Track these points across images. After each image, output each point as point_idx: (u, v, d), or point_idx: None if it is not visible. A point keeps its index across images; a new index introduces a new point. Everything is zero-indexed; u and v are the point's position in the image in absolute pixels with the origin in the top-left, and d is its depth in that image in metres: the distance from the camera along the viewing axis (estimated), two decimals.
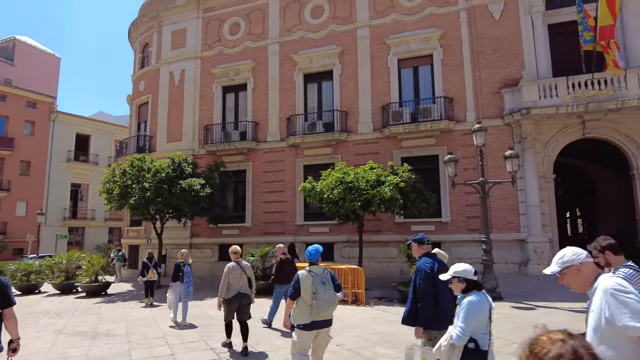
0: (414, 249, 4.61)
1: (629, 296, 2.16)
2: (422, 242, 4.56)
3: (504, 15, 16.05)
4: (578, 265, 2.42)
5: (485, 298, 3.45)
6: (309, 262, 5.01)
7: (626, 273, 3.21)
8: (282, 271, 8.42)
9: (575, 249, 2.50)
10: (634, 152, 14.54)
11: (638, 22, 14.71)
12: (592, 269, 2.43)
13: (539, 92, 14.48)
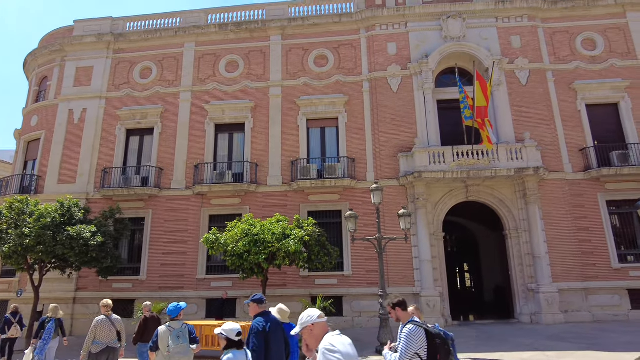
0: (251, 308, 4.85)
1: (335, 355, 2.56)
2: (260, 301, 4.86)
3: (400, 88, 18.10)
4: (310, 326, 2.81)
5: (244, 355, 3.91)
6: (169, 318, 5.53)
7: (410, 329, 3.80)
8: (144, 330, 8.03)
9: (310, 311, 2.91)
10: (506, 215, 16.74)
11: (504, 106, 17.56)
12: (322, 329, 2.82)
13: (429, 158, 16.23)
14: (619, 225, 16.93)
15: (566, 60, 18.36)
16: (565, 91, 17.94)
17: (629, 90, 17.77)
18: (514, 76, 18.02)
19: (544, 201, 16.50)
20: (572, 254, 16.07)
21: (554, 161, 16.99)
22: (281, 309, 5.12)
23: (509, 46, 18.39)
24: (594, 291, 15.79)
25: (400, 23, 18.88)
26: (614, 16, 18.80)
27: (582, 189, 16.82)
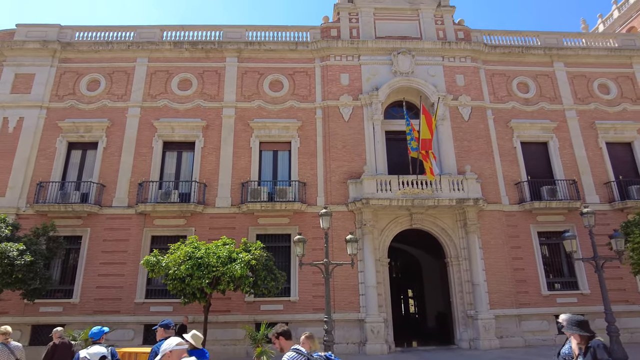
0: (158, 333, 5.08)
1: None
2: (167, 327, 5.15)
3: (352, 118, 18.71)
4: (168, 353, 3.36)
5: None
6: (91, 341, 5.49)
7: (290, 356, 4.01)
8: (52, 358, 7.57)
9: (170, 340, 3.50)
10: (448, 243, 17.48)
11: (447, 140, 18.61)
12: (178, 356, 3.39)
13: (376, 185, 16.76)
14: (548, 255, 18.22)
15: (504, 100, 19.90)
16: (503, 128, 19.36)
17: (556, 131, 19.49)
18: (457, 112, 19.22)
19: (483, 231, 17.44)
20: (508, 281, 17.00)
21: (492, 193, 18.11)
22: (195, 334, 5.25)
23: (453, 84, 19.66)
24: (526, 317, 16.72)
25: (354, 55, 19.69)
26: (543, 64, 20.75)
27: (516, 220, 17.99)
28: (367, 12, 20.55)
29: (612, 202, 18.51)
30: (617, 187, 18.80)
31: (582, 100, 20.32)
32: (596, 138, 19.66)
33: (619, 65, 21.18)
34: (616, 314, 16.11)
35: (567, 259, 17.76)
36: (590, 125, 19.79)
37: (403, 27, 20.54)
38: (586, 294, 17.22)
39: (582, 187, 18.74)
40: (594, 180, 18.95)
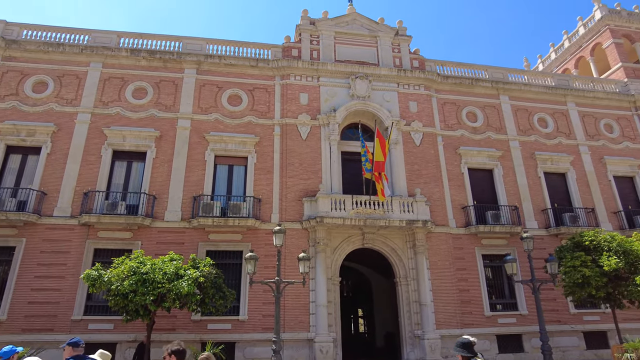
0: (66, 351, 5.11)
1: None
2: (76, 345, 5.15)
3: (309, 136, 18.97)
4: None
5: None
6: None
7: None
8: None
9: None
10: (397, 263, 17.91)
11: (399, 163, 19.24)
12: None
13: (331, 204, 16.97)
14: (491, 277, 19.10)
15: (453, 128, 20.98)
16: (452, 155, 20.34)
17: (501, 159, 20.75)
18: (409, 137, 20.00)
19: (431, 252, 18.04)
20: (453, 302, 17.60)
21: (440, 216, 18.85)
22: (102, 352, 5.32)
23: (407, 110, 20.51)
24: None
25: (313, 76, 20.09)
26: (490, 96, 22.18)
27: (463, 242, 18.79)
28: (328, 35, 21.15)
29: (548, 228, 19.83)
30: (553, 214, 20.21)
31: (524, 132, 21.83)
32: (536, 168, 21.11)
33: (555, 102, 23.04)
34: (550, 334, 17.17)
35: (508, 281, 18.72)
36: (530, 156, 21.25)
37: (362, 53, 21.29)
38: (524, 314, 18.16)
39: (522, 213, 19.96)
40: (533, 206, 20.27)
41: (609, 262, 14.78)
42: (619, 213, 21.10)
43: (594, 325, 18.64)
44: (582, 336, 18.43)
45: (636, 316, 18.65)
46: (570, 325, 18.40)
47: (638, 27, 26.93)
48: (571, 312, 18.68)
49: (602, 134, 22.95)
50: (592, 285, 15.00)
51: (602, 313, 18.57)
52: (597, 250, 15.67)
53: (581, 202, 20.89)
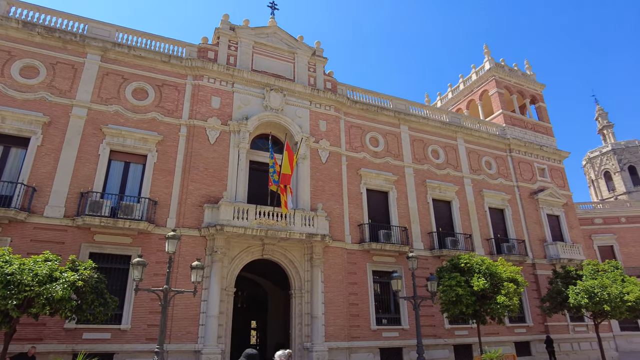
0: None
1: None
2: None
3: (218, 141, 18.59)
4: None
5: None
6: None
7: None
8: None
9: None
10: (294, 275, 18.20)
11: (305, 178, 19.75)
12: None
13: (233, 213, 16.74)
14: (379, 292, 20.33)
15: (357, 150, 22.20)
16: (354, 175, 21.47)
17: (396, 183, 22.43)
18: (317, 154, 20.69)
19: (327, 266, 18.69)
20: (343, 315, 18.35)
21: (338, 231, 19.68)
22: None
23: (317, 128, 21.24)
24: (356, 350, 18.17)
25: (228, 81, 19.85)
26: (392, 125, 23.99)
27: (356, 258, 19.79)
28: (247, 43, 21.13)
29: (432, 250, 21.82)
30: (437, 237, 22.32)
31: (418, 160, 23.91)
32: (426, 194, 23.20)
33: (447, 137, 25.70)
34: (426, 347, 18.80)
35: (394, 297, 20.09)
36: (422, 183, 23.30)
37: (279, 66, 21.63)
38: (406, 328, 19.62)
39: (411, 234, 21.72)
40: (421, 229, 22.18)
41: (478, 283, 16.73)
42: (490, 240, 24.06)
43: (462, 339, 20.81)
44: (453, 349, 20.46)
45: (494, 330, 21.28)
46: (443, 339, 20.31)
47: (516, 82, 31.40)
48: (446, 327, 20.66)
49: (483, 170, 26.11)
50: (463, 303, 16.78)
51: (469, 328, 20.82)
52: (470, 272, 17.63)
53: (461, 228, 23.41)
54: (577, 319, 24.36)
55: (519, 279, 17.74)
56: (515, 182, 26.93)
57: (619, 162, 49.59)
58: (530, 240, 25.51)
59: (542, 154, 29.10)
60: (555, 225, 27.31)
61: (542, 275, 24.53)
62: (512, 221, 25.53)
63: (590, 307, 19.31)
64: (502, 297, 16.66)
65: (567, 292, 20.15)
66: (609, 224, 36.93)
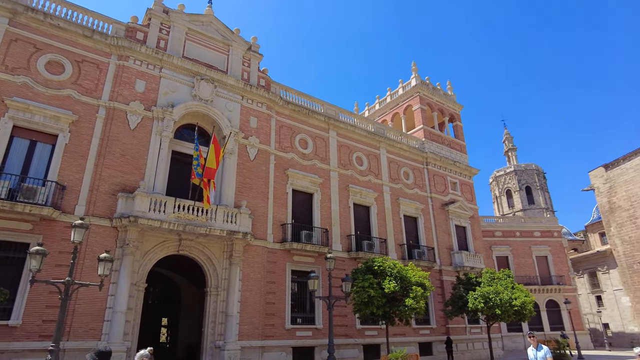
0: None
1: None
2: None
3: (139, 127, 17.55)
4: None
5: None
6: None
7: None
8: None
9: None
10: (212, 272, 17.77)
11: (231, 174, 19.39)
12: None
13: (150, 204, 15.88)
14: (297, 292, 20.58)
15: (286, 150, 22.33)
16: (281, 174, 21.55)
17: (321, 186, 22.94)
18: (245, 150, 20.45)
19: (246, 264, 18.51)
20: (259, 314, 18.29)
21: (261, 230, 19.61)
22: None
23: (247, 123, 20.98)
24: (269, 349, 18.20)
25: (156, 66, 18.85)
26: (322, 129, 24.51)
27: (277, 257, 19.86)
28: (180, 29, 20.25)
29: (349, 252, 22.61)
30: (355, 240, 23.19)
31: (343, 165, 24.68)
32: (348, 198, 24.00)
33: (371, 146, 26.85)
34: (338, 346, 19.44)
35: (310, 297, 20.47)
36: (345, 187, 24.08)
37: (212, 57, 21.03)
38: (320, 328, 20.08)
39: (331, 235, 22.32)
40: (341, 231, 22.89)
41: (389, 286, 17.69)
42: (403, 245, 25.54)
43: (372, 339, 21.80)
44: (362, 349, 21.35)
45: (401, 331, 22.64)
46: (354, 339, 21.12)
47: (438, 100, 33.75)
48: (357, 328, 21.51)
49: (401, 179, 27.65)
50: (374, 304, 17.63)
51: (379, 328, 21.89)
52: (382, 275, 18.58)
53: (378, 232, 24.57)
54: (474, 322, 26.75)
55: (427, 283, 19.06)
56: (429, 193, 28.90)
57: (519, 182, 55.43)
58: (439, 248, 27.53)
59: (455, 169, 31.59)
60: (462, 235, 29.79)
61: (447, 281, 26.59)
62: (424, 229, 27.35)
63: (485, 310, 21.39)
64: (410, 300, 17.78)
65: (467, 297, 22.10)
66: (507, 237, 41.14)
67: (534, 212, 51.52)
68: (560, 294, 39.29)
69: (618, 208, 40.92)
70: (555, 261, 41.04)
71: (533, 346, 9.13)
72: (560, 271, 40.69)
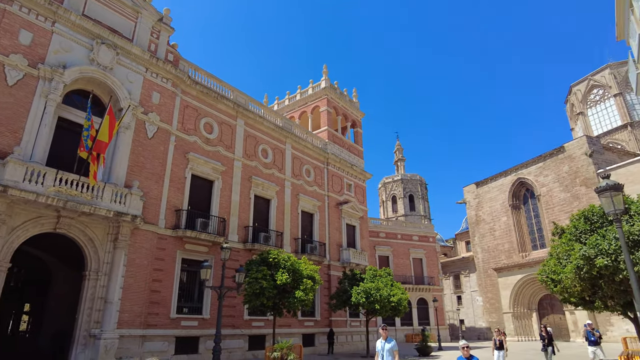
0: None
1: None
2: None
3: (19, 85, 15.20)
4: None
5: None
6: None
7: None
8: None
9: None
10: (92, 255, 16.21)
11: (125, 150, 17.93)
12: None
13: (26, 174, 13.89)
14: (186, 281, 19.82)
15: (189, 132, 21.35)
16: (181, 157, 20.53)
17: (223, 174, 22.43)
18: (143, 127, 19.03)
19: (132, 249, 17.26)
20: (142, 302, 17.21)
21: (152, 214, 18.46)
22: None
23: (148, 98, 19.56)
24: (151, 338, 17.23)
25: (48, 18, 16.53)
26: (230, 116, 23.96)
27: (167, 244, 18.87)
28: None
29: (245, 243, 22.49)
30: (252, 231, 23.15)
31: (248, 156, 24.45)
32: (249, 189, 23.84)
33: (278, 140, 27.04)
34: (224, 336, 19.26)
35: (199, 286, 19.88)
36: (248, 178, 23.88)
37: (118, 21, 19.12)
38: (207, 318, 19.62)
39: (229, 226, 21.96)
40: (239, 222, 22.64)
41: (281, 277, 18.05)
42: (298, 239, 26.21)
43: (258, 330, 21.98)
44: (248, 339, 21.41)
45: (287, 323, 23.25)
46: (241, 330, 21.07)
47: (343, 105, 35.29)
48: (245, 319, 21.49)
49: (303, 176, 28.33)
50: (265, 295, 17.82)
51: (266, 320, 22.17)
52: (276, 267, 18.87)
53: (275, 225, 24.84)
54: (354, 315, 28.58)
55: (317, 277, 19.88)
56: (326, 192, 30.10)
57: (404, 189, 60.53)
58: (330, 244, 28.83)
59: (352, 172, 33.37)
60: (351, 234, 31.61)
61: (334, 276, 27.98)
62: (318, 225, 28.40)
63: (366, 305, 23.03)
64: (300, 292, 18.37)
65: (351, 292, 23.55)
66: (389, 239, 44.67)
67: (414, 218, 56.75)
68: (430, 293, 43.96)
69: (482, 221, 47.27)
70: (429, 263, 45.83)
71: (382, 338, 8.62)
72: (432, 273, 45.57)
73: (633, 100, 54.25)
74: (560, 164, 39.04)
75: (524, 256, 41.37)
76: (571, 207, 36.42)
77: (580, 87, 60.74)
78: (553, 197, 39.02)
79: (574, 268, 11.92)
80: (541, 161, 41.00)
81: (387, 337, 8.66)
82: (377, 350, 8.65)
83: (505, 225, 43.95)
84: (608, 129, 55.80)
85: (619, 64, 56.42)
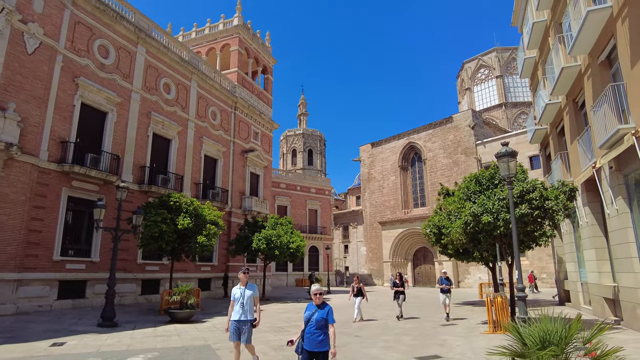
0: None
1: None
2: None
3: None
4: None
5: None
6: None
7: None
8: None
9: None
10: None
11: None
12: None
13: None
14: (72, 221, 17.83)
15: (80, 53, 18.44)
16: (69, 82, 17.76)
17: (118, 106, 20.10)
18: (21, 39, 15.87)
19: (6, 182, 14.85)
20: (17, 243, 15.12)
21: (32, 144, 15.95)
22: None
23: (29, 4, 16.22)
24: (28, 282, 15.38)
25: None
26: (129, 41, 21.19)
27: (50, 179, 16.61)
28: None
29: (141, 184, 20.88)
30: (149, 172, 21.51)
31: (149, 89, 22.17)
32: (148, 126, 21.85)
33: (182, 75, 24.93)
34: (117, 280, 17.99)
35: (88, 228, 18.12)
36: (147, 114, 21.80)
37: None
38: (96, 261, 18.11)
39: (123, 164, 20.05)
40: (134, 161, 20.80)
41: (183, 222, 17.28)
42: (199, 184, 25.18)
43: (152, 274, 21.07)
44: (140, 283, 20.45)
45: (183, 268, 22.72)
46: (133, 274, 19.97)
47: (255, 48, 33.67)
48: (138, 262, 20.36)
49: (208, 118, 26.83)
50: (164, 240, 16.97)
51: (161, 264, 21.32)
52: (177, 211, 17.96)
53: (175, 168, 23.43)
54: (251, 261, 29.05)
55: (220, 222, 19.51)
56: (232, 138, 29.11)
57: (304, 144, 61.51)
58: (232, 191, 28.34)
59: (260, 120, 32.61)
60: (255, 183, 31.42)
61: (234, 222, 27.80)
62: (221, 172, 27.57)
63: (266, 251, 23.49)
64: (202, 238, 17.88)
65: (252, 238, 23.72)
66: (289, 190, 45.56)
67: (311, 172, 58.44)
68: (321, 241, 46.52)
69: (373, 179, 50.69)
70: (323, 215, 48.13)
71: (242, 284, 7.04)
72: (325, 223, 48.06)
73: (509, 84, 61.68)
74: (447, 132, 43.13)
75: (406, 212, 45.77)
76: (451, 172, 40.93)
77: (471, 65, 66.82)
78: (437, 162, 43.28)
79: (462, 223, 13.57)
80: (431, 128, 44.76)
81: (247, 282, 7.15)
82: (233, 298, 7.02)
83: (393, 184, 47.74)
84: (487, 106, 62.97)
85: (504, 49, 63.15)
